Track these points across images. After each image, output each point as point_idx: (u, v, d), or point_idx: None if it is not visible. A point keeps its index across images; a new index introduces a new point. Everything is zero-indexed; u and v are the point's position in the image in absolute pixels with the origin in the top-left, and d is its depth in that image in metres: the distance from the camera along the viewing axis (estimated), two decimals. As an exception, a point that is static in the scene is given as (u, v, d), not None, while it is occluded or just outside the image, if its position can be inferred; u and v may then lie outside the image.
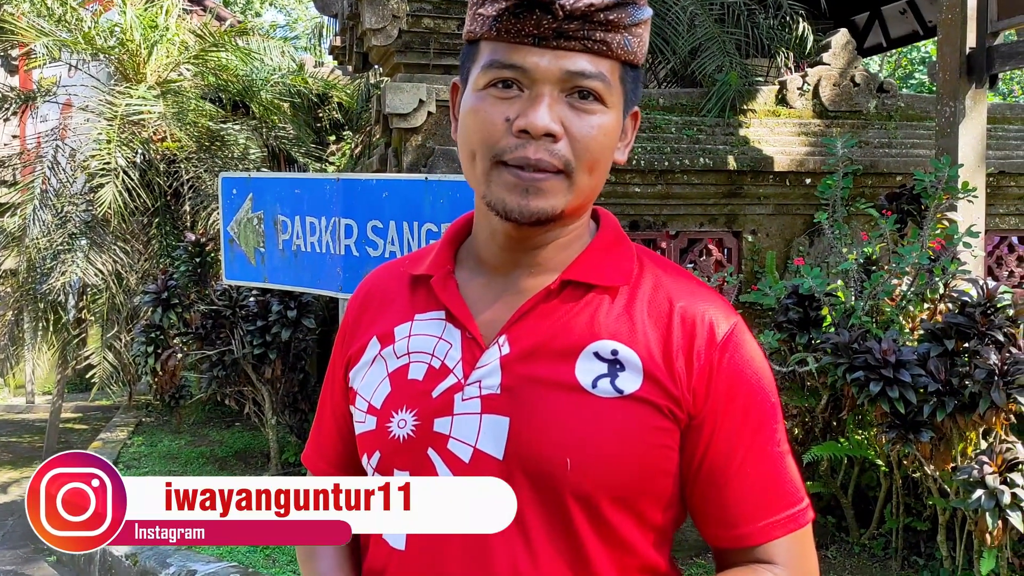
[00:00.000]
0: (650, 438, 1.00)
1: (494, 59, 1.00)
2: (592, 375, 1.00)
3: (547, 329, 1.03)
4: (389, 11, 5.02)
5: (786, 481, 1.05)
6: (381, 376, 1.09)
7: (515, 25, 0.97)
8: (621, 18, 0.98)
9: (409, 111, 4.85)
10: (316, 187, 3.99)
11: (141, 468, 6.02)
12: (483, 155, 1.00)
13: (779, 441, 1.06)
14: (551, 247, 1.06)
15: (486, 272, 1.10)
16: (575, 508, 0.98)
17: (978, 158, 4.49)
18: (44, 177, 6.98)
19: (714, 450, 1.02)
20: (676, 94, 5.44)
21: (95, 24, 7.39)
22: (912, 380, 3.29)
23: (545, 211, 0.99)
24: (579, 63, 0.98)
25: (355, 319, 1.18)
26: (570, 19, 0.96)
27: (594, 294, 1.05)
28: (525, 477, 0.99)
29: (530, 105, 0.98)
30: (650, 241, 5.22)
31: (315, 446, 1.25)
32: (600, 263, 1.07)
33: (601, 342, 1.02)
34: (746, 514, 1.03)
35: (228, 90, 7.72)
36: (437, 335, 1.07)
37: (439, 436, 1.02)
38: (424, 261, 1.14)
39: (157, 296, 5.56)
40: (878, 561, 3.97)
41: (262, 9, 21.21)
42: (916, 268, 3.78)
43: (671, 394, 1.01)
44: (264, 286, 4.52)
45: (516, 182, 0.98)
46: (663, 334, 1.03)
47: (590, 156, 1.00)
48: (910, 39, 8.84)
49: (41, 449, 7.28)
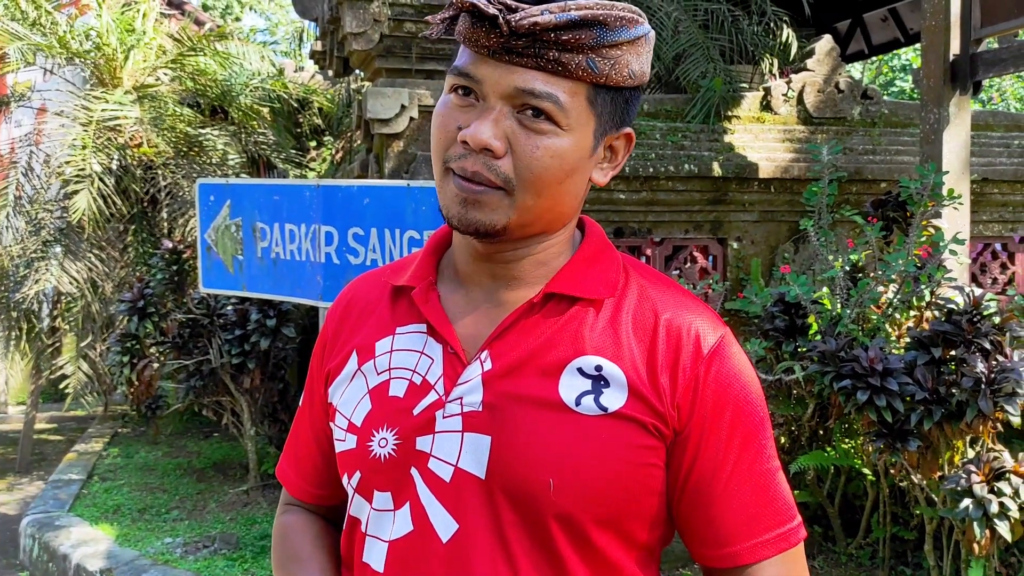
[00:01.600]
0: (635, 457, 0.96)
1: (457, 65, 0.98)
2: (576, 392, 0.97)
3: (530, 344, 1.00)
4: (370, 15, 4.96)
5: (776, 498, 1.01)
6: (361, 393, 1.05)
7: (473, 34, 0.94)
8: (580, 39, 0.92)
9: (391, 116, 4.79)
10: (295, 193, 3.92)
11: (117, 480, 5.91)
12: (437, 159, 1.00)
13: (769, 457, 1.02)
14: (527, 262, 1.03)
15: (465, 284, 1.07)
16: (557, 529, 0.95)
17: (962, 165, 4.48)
18: (18, 183, 6.87)
19: (700, 466, 0.99)
20: (660, 100, 5.41)
21: (70, 28, 7.28)
22: (899, 388, 3.26)
23: (484, 223, 0.96)
24: (530, 81, 0.94)
25: (335, 330, 1.14)
26: (516, 36, 0.92)
27: (578, 307, 1.02)
28: (507, 498, 0.95)
29: (478, 116, 0.95)
30: (635, 248, 5.18)
31: (292, 461, 1.21)
32: (584, 275, 1.03)
33: (585, 358, 0.99)
34: (734, 533, 0.99)
35: (206, 95, 7.63)
36: (419, 349, 1.04)
37: (421, 455, 0.99)
38: (406, 271, 1.10)
39: (133, 305, 5.47)
40: (865, 571, 3.94)
41: (241, 13, 21.08)
42: (902, 275, 3.76)
43: (656, 410, 0.98)
44: (243, 294, 4.44)
45: (456, 192, 0.97)
46: (648, 348, 1.00)
47: (532, 176, 0.95)
48: (892, 46, 8.88)
49: (15, 461, 7.14)
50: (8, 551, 5.24)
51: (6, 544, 5.35)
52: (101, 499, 5.48)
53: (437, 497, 0.97)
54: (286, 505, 1.23)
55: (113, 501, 5.42)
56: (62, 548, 4.62)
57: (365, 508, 1.03)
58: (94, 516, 5.10)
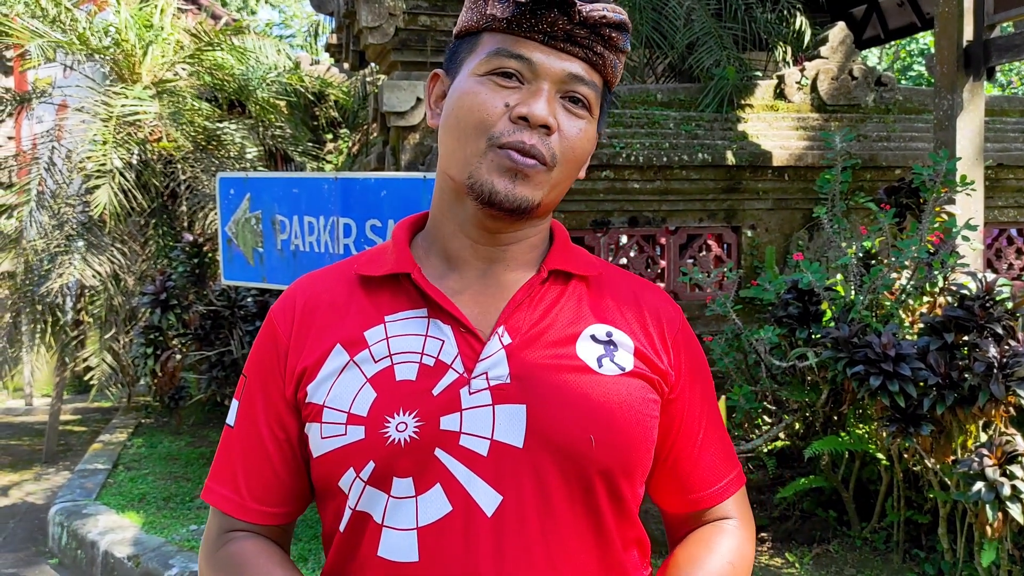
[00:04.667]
0: (649, 410, 1.07)
1: (502, 47, 1.02)
2: (594, 355, 1.05)
3: (542, 317, 1.07)
4: (385, 9, 5.01)
5: (729, 445, 1.20)
6: (359, 383, 1.02)
7: (529, 21, 1.01)
8: (618, 39, 1.05)
9: (407, 109, 4.84)
10: (314, 186, 3.97)
11: (141, 469, 6.02)
12: (476, 136, 1.01)
13: (719, 410, 1.21)
14: (524, 244, 1.10)
15: (457, 268, 1.09)
16: (599, 484, 1.02)
17: (976, 151, 4.49)
18: (40, 179, 6.95)
19: (686, 425, 1.14)
20: (674, 89, 5.43)
21: (90, 25, 7.35)
22: (912, 374, 3.29)
23: (528, 199, 1.02)
24: (579, 69, 1.04)
25: (299, 331, 1.08)
26: (583, 25, 1.02)
27: (575, 283, 1.11)
28: (551, 461, 0.99)
29: (531, 96, 1.01)
30: (650, 237, 5.21)
31: (231, 483, 1.09)
32: (572, 255, 1.13)
33: (596, 325, 1.08)
34: (706, 479, 1.16)
35: (224, 89, 7.69)
36: (421, 333, 1.04)
37: (448, 434, 0.99)
38: (380, 262, 1.10)
39: (155, 297, 5.56)
40: (880, 554, 3.97)
41: (257, 7, 21.16)
42: (915, 262, 3.78)
43: (659, 369, 1.10)
44: (263, 286, 4.51)
45: (509, 165, 1.00)
46: (638, 317, 1.12)
47: (573, 156, 1.04)
48: (908, 31, 8.83)
49: (41, 452, 7.26)
50: (37, 539, 5.36)
51: (35, 532, 5.47)
52: (127, 488, 5.58)
53: (476, 472, 0.98)
54: (227, 533, 1.09)
55: (138, 490, 5.53)
56: (90, 535, 4.73)
57: (380, 500, 1.00)
58: (120, 504, 5.21)
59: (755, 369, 4.16)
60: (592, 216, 5.08)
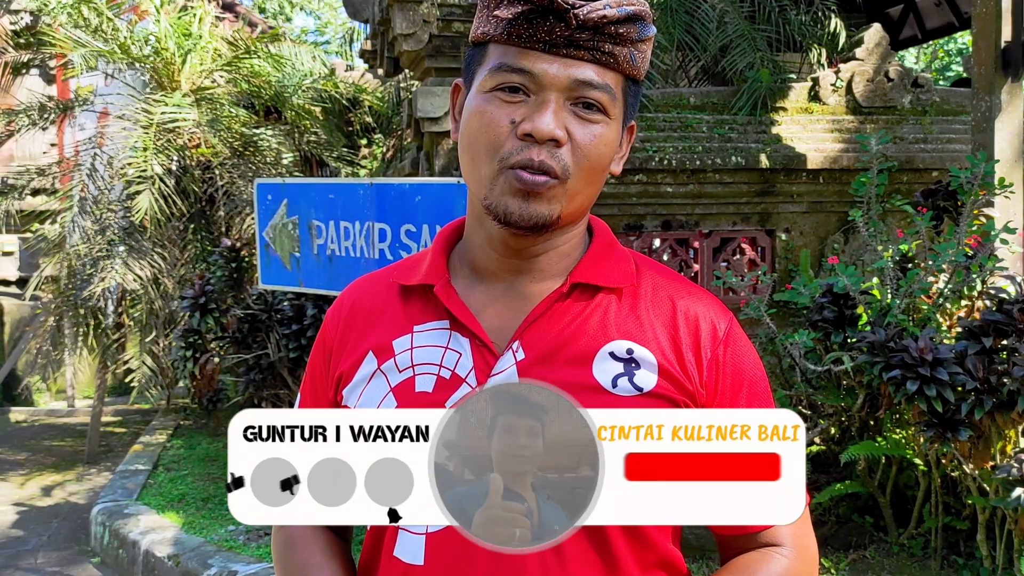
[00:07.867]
0: None
1: (503, 63, 1.01)
2: (610, 375, 1.02)
3: (560, 332, 1.05)
4: (419, 16, 5.06)
5: None
6: (383, 391, 1.06)
7: (527, 30, 0.99)
8: (630, 32, 1.00)
9: (440, 115, 4.88)
10: (350, 192, 4.03)
11: (181, 470, 6.12)
12: (487, 158, 1.01)
13: None
14: (553, 254, 1.08)
15: (485, 279, 1.10)
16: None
17: (1015, 153, 4.43)
18: (83, 185, 7.09)
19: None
20: (707, 92, 5.42)
21: (131, 34, 7.50)
22: (950, 378, 3.25)
23: (544, 216, 1.01)
24: (587, 73, 1.00)
25: (342, 335, 1.14)
26: (582, 29, 0.98)
27: (602, 295, 1.08)
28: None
29: (536, 110, 0.99)
30: (683, 241, 5.20)
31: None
32: (603, 265, 1.09)
33: (616, 342, 1.04)
34: None
35: (260, 96, 7.80)
36: (443, 345, 1.06)
37: None
38: (416, 271, 1.13)
39: (195, 301, 5.65)
40: (917, 561, 3.93)
41: (292, 14, 21.41)
42: (953, 265, 3.74)
43: (686, 389, 1.05)
44: (299, 290, 4.58)
45: (519, 186, 0.99)
46: (671, 332, 1.07)
47: (588, 164, 1.01)
48: (946, 31, 8.73)
49: (83, 453, 7.41)
50: (80, 538, 5.47)
51: (78, 531, 5.58)
52: (166, 488, 5.68)
53: None
54: None
55: (178, 490, 5.62)
56: (131, 535, 4.82)
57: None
58: (160, 505, 5.30)
59: (790, 373, 4.13)
60: (625, 220, 5.08)
